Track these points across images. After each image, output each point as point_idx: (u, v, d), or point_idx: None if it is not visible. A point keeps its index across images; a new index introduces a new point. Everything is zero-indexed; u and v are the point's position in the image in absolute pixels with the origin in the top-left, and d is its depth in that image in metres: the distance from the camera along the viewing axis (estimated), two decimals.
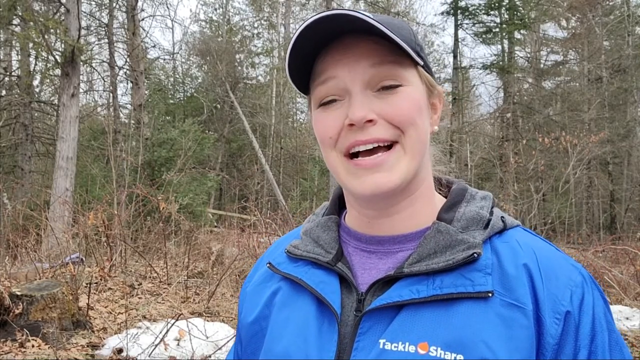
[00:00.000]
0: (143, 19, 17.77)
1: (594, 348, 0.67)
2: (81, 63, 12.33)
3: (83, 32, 14.59)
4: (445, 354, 0.66)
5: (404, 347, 0.67)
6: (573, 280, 0.70)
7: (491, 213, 0.78)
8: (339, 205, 0.89)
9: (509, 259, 0.71)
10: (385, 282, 0.74)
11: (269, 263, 0.86)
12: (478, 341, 0.65)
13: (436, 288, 0.69)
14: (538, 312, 0.68)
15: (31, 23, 11.38)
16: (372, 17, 0.70)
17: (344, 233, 0.84)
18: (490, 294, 0.68)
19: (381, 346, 0.68)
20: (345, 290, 0.76)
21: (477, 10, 20.06)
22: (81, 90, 14.17)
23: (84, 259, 7.39)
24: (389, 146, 0.73)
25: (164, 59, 23.73)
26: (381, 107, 0.72)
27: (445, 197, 0.83)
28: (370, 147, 0.72)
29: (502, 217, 0.78)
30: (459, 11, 20.05)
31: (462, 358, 0.65)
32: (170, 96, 24.21)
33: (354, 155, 0.74)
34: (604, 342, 0.68)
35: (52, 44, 13.00)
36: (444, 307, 0.68)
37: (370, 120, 0.71)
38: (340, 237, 0.83)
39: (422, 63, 0.76)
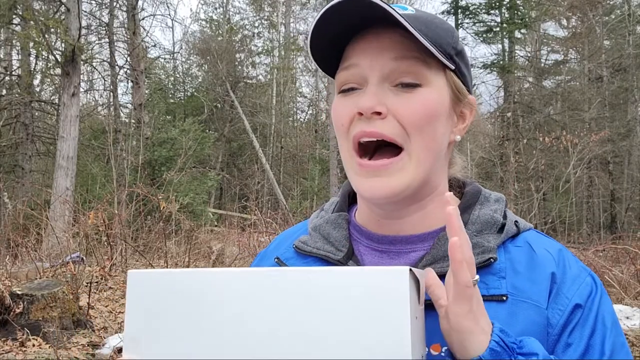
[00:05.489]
0: (143, 18, 17.80)
1: (592, 342, 0.67)
2: (81, 62, 12.34)
3: (83, 31, 14.60)
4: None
5: None
6: (583, 279, 0.72)
7: (504, 216, 0.77)
8: (348, 202, 0.87)
9: (523, 262, 0.72)
10: None
11: (277, 258, 0.84)
12: None
13: None
14: (548, 307, 0.69)
15: (32, 22, 11.38)
16: (399, 10, 0.68)
17: (355, 231, 0.82)
18: (504, 298, 0.68)
19: None
20: None
21: (478, 10, 20.08)
22: (81, 90, 14.17)
23: (84, 258, 7.40)
24: (397, 151, 0.71)
25: (164, 59, 23.72)
26: (394, 103, 0.70)
27: (458, 198, 0.82)
28: (373, 139, 0.71)
29: (515, 221, 0.77)
30: (459, 10, 20.06)
31: None
32: (170, 95, 24.20)
33: (361, 150, 0.73)
34: (604, 339, 0.68)
35: (53, 44, 12.99)
36: None
37: (379, 113, 0.70)
38: (350, 235, 0.81)
39: (452, 67, 0.73)
